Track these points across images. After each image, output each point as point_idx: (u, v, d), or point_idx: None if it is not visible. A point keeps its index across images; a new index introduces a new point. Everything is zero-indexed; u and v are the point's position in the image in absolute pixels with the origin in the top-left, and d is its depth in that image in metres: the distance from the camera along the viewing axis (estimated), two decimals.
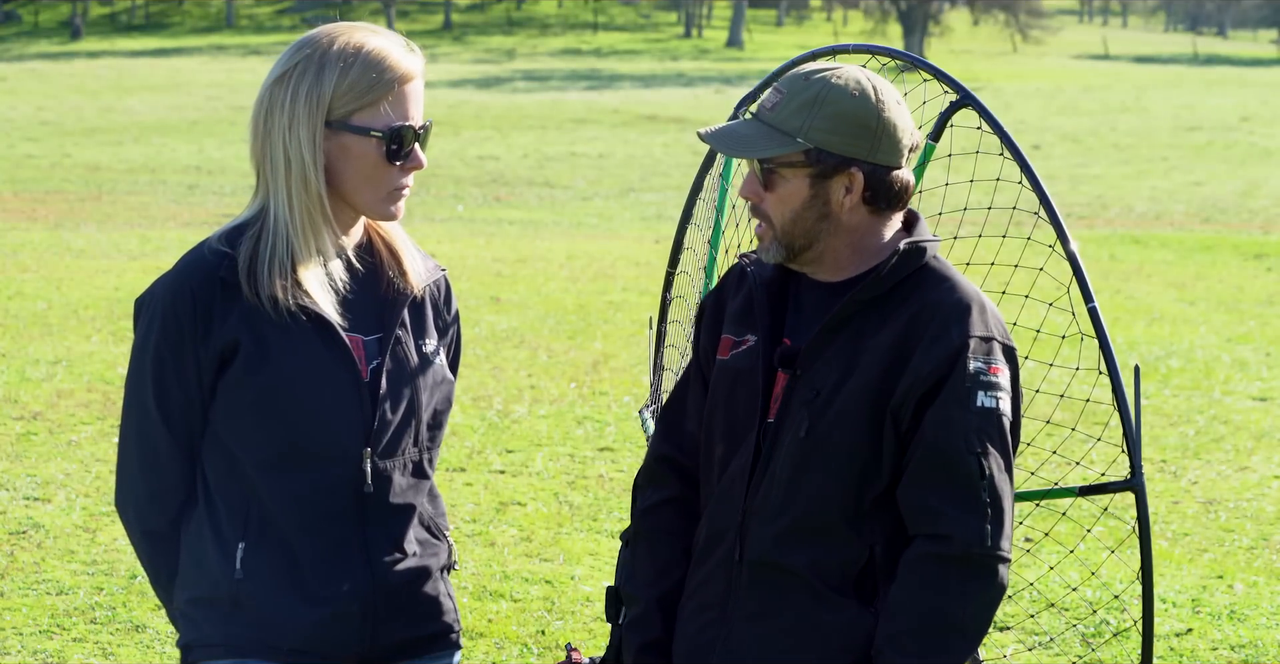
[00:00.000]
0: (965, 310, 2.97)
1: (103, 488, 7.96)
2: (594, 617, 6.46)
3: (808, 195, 2.99)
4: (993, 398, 2.94)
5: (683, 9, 79.17)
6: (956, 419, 2.91)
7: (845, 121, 2.97)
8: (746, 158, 3.01)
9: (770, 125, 2.99)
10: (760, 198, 3.03)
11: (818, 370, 2.99)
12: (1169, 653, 6.24)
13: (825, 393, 2.97)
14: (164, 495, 3.07)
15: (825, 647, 2.99)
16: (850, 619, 2.98)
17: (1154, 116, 39.78)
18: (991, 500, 2.92)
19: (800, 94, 2.99)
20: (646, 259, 16.81)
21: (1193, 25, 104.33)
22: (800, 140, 2.96)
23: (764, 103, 3.04)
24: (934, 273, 3.03)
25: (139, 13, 78.16)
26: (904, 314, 2.97)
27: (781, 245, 3.02)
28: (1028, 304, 4.24)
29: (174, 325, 2.99)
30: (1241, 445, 9.49)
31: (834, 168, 2.97)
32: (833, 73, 3.01)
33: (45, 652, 5.97)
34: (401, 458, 3.08)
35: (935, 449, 2.91)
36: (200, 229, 18.60)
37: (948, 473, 2.91)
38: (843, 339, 2.99)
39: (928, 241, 3.04)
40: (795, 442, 2.97)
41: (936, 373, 2.92)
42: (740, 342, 3.10)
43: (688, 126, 34.83)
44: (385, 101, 2.99)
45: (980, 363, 2.94)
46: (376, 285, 3.09)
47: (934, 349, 2.93)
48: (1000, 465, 2.94)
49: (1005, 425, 2.96)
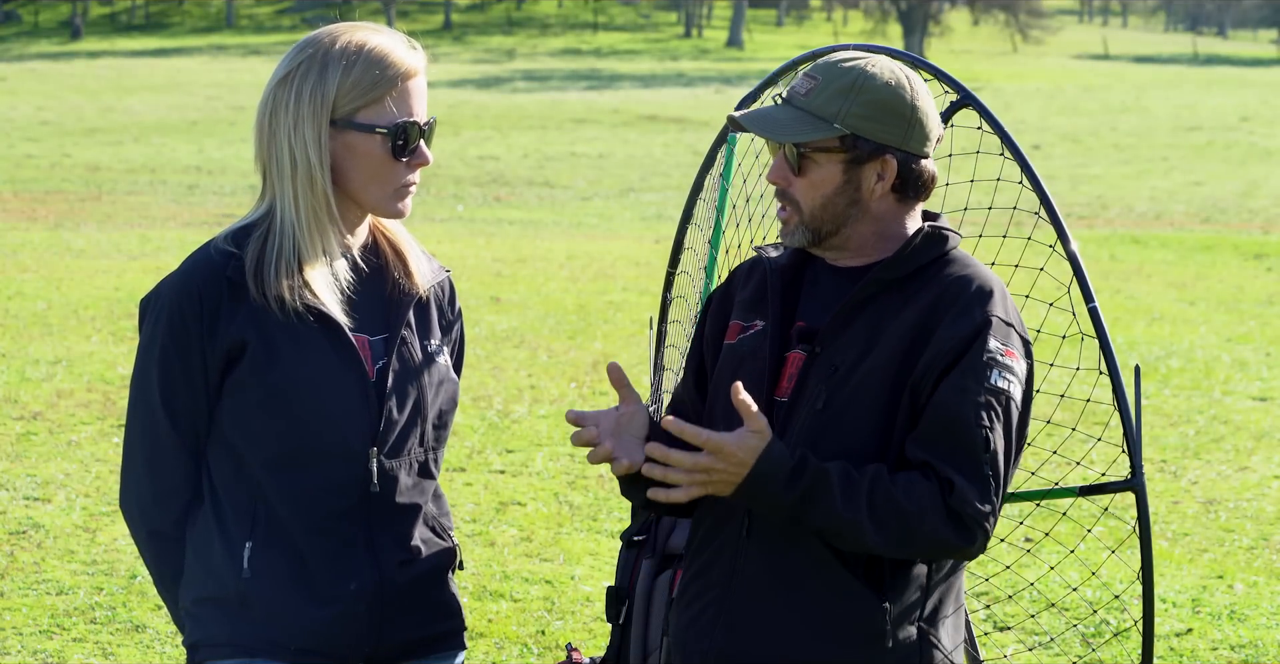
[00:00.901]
0: (989, 294, 2.99)
1: (103, 488, 7.96)
2: (594, 617, 6.46)
3: (840, 181, 3.00)
4: (1005, 380, 2.94)
5: (683, 9, 79.17)
6: (970, 390, 2.91)
7: (882, 109, 2.98)
8: (784, 141, 3.01)
9: (806, 110, 3.00)
10: (789, 183, 3.03)
11: (838, 348, 2.99)
12: (1169, 653, 6.25)
13: (844, 369, 2.98)
14: (169, 495, 3.07)
15: (833, 632, 2.98)
16: (860, 608, 2.97)
17: (1154, 116, 39.79)
18: (993, 474, 2.92)
19: (837, 80, 3.00)
20: (646, 259, 16.82)
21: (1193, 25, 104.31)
22: (838, 125, 2.98)
23: (796, 88, 3.04)
24: (958, 260, 3.05)
25: (139, 13, 78.15)
26: (927, 296, 2.99)
27: (809, 230, 3.03)
28: (1028, 304, 4.24)
29: (180, 325, 2.99)
30: (1241, 445, 9.49)
31: (869, 154, 2.99)
32: (867, 61, 3.03)
33: (45, 652, 5.97)
34: (408, 458, 3.08)
35: (946, 416, 2.91)
36: (200, 229, 18.60)
37: (954, 440, 2.91)
38: (864, 318, 3.00)
39: (951, 231, 3.06)
40: (812, 415, 2.98)
41: (957, 349, 2.93)
42: (749, 327, 3.11)
43: (688, 126, 34.84)
44: (389, 98, 3.00)
45: (999, 342, 2.95)
46: (382, 285, 3.10)
47: (957, 325, 2.94)
48: (1003, 446, 2.94)
49: (1014, 411, 2.95)
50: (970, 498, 2.89)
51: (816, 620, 2.98)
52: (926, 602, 3.02)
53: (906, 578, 2.99)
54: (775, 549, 3.00)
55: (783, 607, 3.00)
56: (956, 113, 4.06)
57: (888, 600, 2.97)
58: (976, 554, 2.97)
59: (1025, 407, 3.00)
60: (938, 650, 3.02)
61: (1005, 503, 4.29)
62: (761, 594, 3.01)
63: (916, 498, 2.88)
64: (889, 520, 2.87)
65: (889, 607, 2.97)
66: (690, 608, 3.10)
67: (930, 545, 2.91)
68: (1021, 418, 2.99)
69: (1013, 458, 2.98)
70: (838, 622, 2.98)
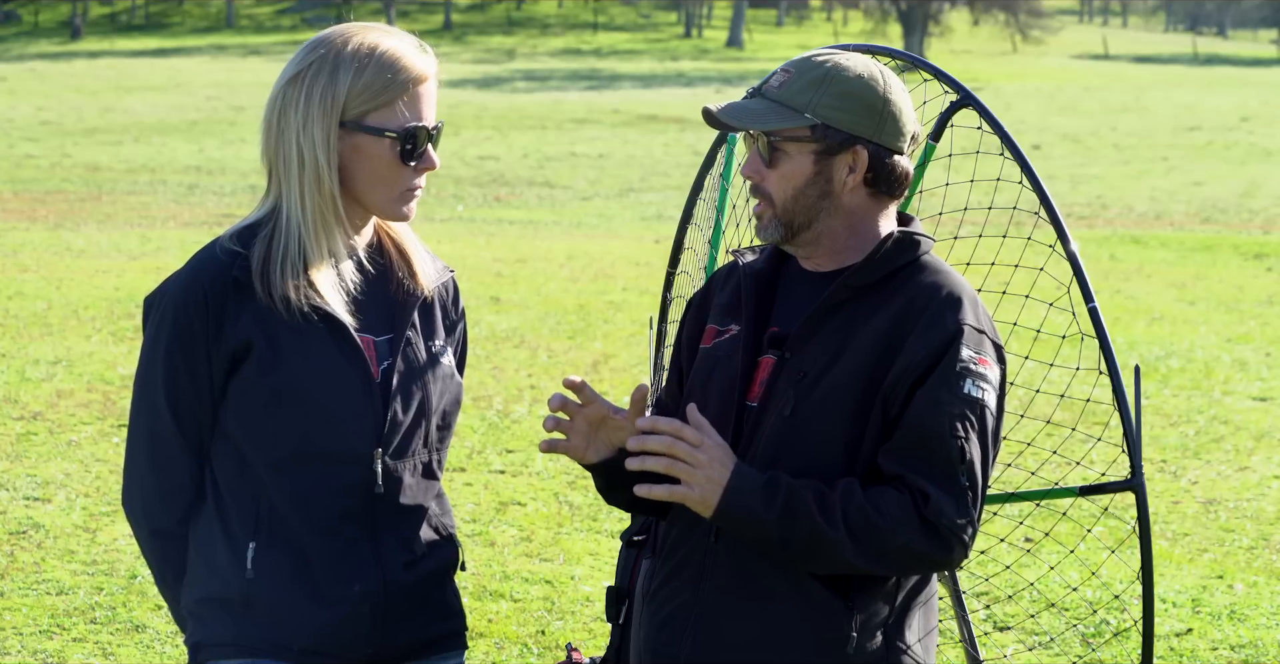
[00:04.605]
0: (959, 301, 2.98)
1: (103, 488, 7.96)
2: (594, 617, 6.46)
3: (811, 172, 3.00)
4: (979, 389, 2.93)
5: (683, 9, 79.19)
6: (944, 401, 2.91)
7: (852, 100, 2.98)
8: (754, 129, 3.01)
9: (777, 101, 3.01)
10: (762, 176, 3.03)
11: (807, 353, 2.99)
12: (1169, 653, 6.24)
13: (813, 375, 2.97)
14: (173, 494, 3.07)
15: (799, 638, 2.97)
16: (827, 614, 2.96)
17: (1154, 116, 39.80)
18: (969, 484, 2.91)
19: (809, 73, 3.01)
20: (646, 259, 16.82)
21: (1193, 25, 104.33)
22: (808, 115, 2.98)
23: (770, 82, 3.05)
24: (929, 266, 3.04)
25: (139, 13, 78.18)
26: (897, 302, 2.98)
27: (781, 224, 3.02)
28: (1028, 304, 4.25)
29: (186, 324, 2.99)
30: (1241, 445, 9.49)
31: (839, 145, 2.99)
32: (840, 55, 3.05)
33: (45, 652, 5.97)
34: (412, 459, 3.08)
35: (920, 429, 2.90)
36: (200, 229, 18.61)
37: (929, 452, 2.90)
38: (834, 324, 3.00)
39: (922, 236, 3.06)
40: (779, 420, 2.97)
41: (929, 359, 2.92)
42: (724, 331, 3.11)
43: (688, 126, 34.84)
44: (400, 102, 3.00)
45: (972, 350, 2.94)
46: (387, 286, 3.10)
47: (928, 335, 2.93)
48: (979, 456, 2.93)
49: (989, 420, 2.94)
50: (946, 509, 2.88)
51: (783, 626, 2.98)
52: (895, 610, 3.01)
53: (875, 585, 2.98)
54: (743, 554, 2.99)
55: (750, 612, 2.99)
56: (956, 113, 4.06)
57: (854, 607, 2.96)
58: (956, 565, 2.96)
59: (999, 412, 2.99)
60: (907, 656, 3.02)
61: (1005, 503, 4.30)
62: (729, 599, 3.01)
63: (888, 511, 2.86)
64: (865, 536, 2.86)
65: (856, 614, 2.96)
66: (660, 612, 3.10)
67: (908, 558, 2.89)
68: (996, 424, 2.98)
69: (989, 465, 2.98)
70: (804, 628, 2.97)
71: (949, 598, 4.49)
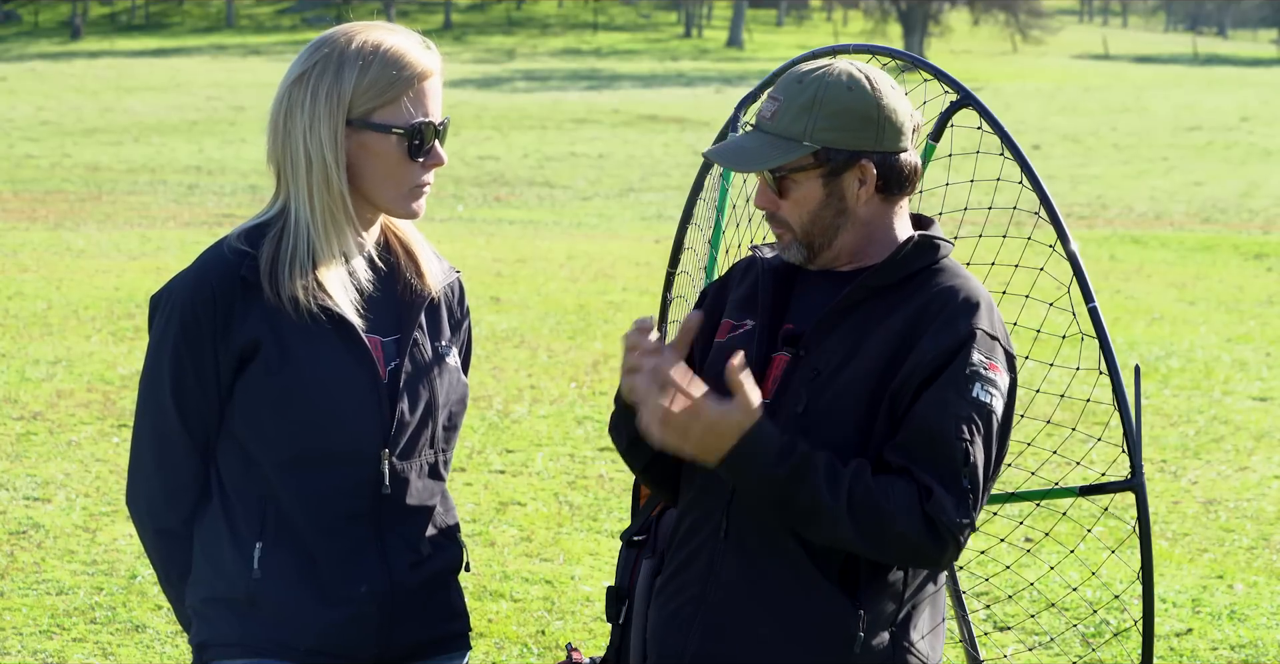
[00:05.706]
0: (975, 305, 2.99)
1: (103, 488, 7.96)
2: (594, 617, 6.47)
3: (823, 195, 3.01)
4: (988, 394, 2.94)
5: (683, 9, 79.19)
6: (951, 402, 2.91)
7: (847, 116, 2.98)
8: (758, 171, 3.02)
9: (773, 134, 3.01)
10: (776, 206, 3.04)
11: (821, 352, 3.00)
12: (1169, 653, 6.25)
13: (826, 373, 2.98)
14: (178, 493, 3.07)
15: (806, 635, 2.98)
16: (834, 612, 2.96)
17: (1154, 116, 39.80)
18: (971, 487, 2.91)
19: (797, 98, 3.00)
20: (646, 259, 16.82)
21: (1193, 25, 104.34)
22: (807, 143, 2.98)
23: (762, 112, 3.05)
24: (947, 270, 3.05)
25: (139, 13, 78.17)
26: (913, 304, 2.99)
27: (802, 246, 3.04)
28: (1028, 304, 4.25)
29: (194, 323, 2.98)
30: (1241, 445, 9.49)
31: (844, 164, 2.99)
32: (824, 71, 3.03)
33: (45, 652, 5.98)
34: (419, 460, 3.08)
35: (926, 428, 2.91)
36: (200, 229, 18.61)
37: (934, 451, 2.90)
38: (849, 324, 3.00)
39: (942, 240, 3.06)
40: (792, 418, 2.98)
41: (940, 360, 2.93)
42: (739, 326, 3.11)
43: (688, 126, 34.85)
44: (405, 98, 3.00)
45: (983, 355, 2.95)
46: (394, 286, 3.10)
47: (941, 336, 2.94)
48: (983, 460, 2.93)
49: (995, 424, 2.95)
50: (947, 507, 2.88)
51: (790, 624, 2.98)
52: (901, 609, 3.01)
53: (882, 584, 2.99)
54: (751, 551, 3.00)
55: (757, 609, 3.00)
56: (956, 113, 4.06)
57: (862, 606, 2.96)
58: (946, 565, 2.96)
59: (1006, 420, 3.00)
60: (912, 657, 3.02)
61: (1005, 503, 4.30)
62: (736, 595, 3.01)
63: (894, 497, 2.87)
64: (865, 514, 2.86)
65: (863, 613, 2.96)
66: (668, 605, 3.11)
67: (901, 546, 2.89)
68: (1002, 431, 2.98)
69: (992, 471, 2.98)
70: (811, 626, 2.97)
71: (949, 597, 4.49)
